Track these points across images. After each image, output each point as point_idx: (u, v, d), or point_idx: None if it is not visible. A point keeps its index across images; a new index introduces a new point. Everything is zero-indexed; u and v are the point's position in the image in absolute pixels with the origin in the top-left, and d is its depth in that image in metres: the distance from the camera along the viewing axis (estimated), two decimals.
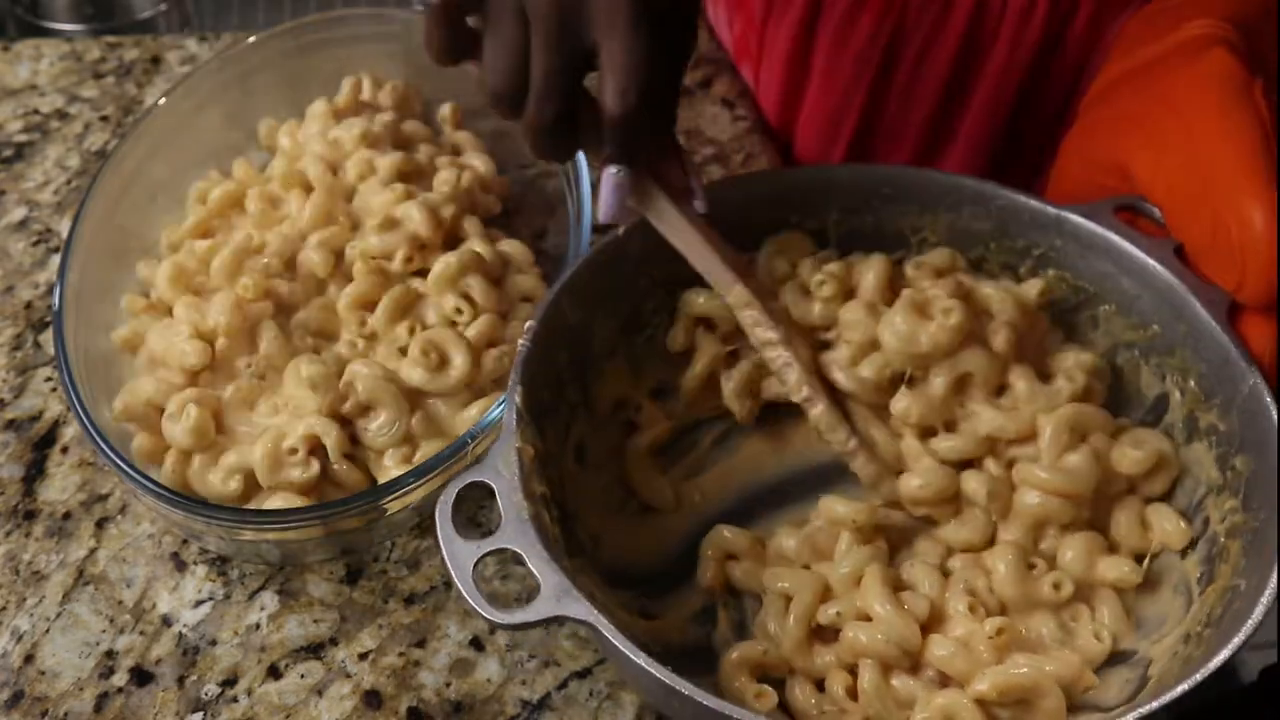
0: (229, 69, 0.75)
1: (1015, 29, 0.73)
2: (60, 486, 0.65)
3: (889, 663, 0.52)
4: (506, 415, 0.52)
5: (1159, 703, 0.45)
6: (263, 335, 0.63)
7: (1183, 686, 0.45)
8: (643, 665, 0.46)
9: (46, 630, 0.60)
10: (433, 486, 0.59)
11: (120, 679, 0.58)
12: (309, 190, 0.69)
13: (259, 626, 0.60)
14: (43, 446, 0.67)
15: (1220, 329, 0.54)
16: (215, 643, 0.59)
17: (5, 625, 0.60)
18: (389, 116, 0.73)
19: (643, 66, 0.50)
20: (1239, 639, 0.46)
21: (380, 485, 0.59)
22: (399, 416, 0.60)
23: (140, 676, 0.58)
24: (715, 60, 0.88)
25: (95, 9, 1.17)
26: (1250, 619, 0.47)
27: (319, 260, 0.66)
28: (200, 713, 0.57)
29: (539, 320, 0.56)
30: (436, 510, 0.49)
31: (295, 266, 0.67)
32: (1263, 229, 0.51)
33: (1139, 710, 0.45)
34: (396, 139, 0.73)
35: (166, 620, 0.60)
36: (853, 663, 0.53)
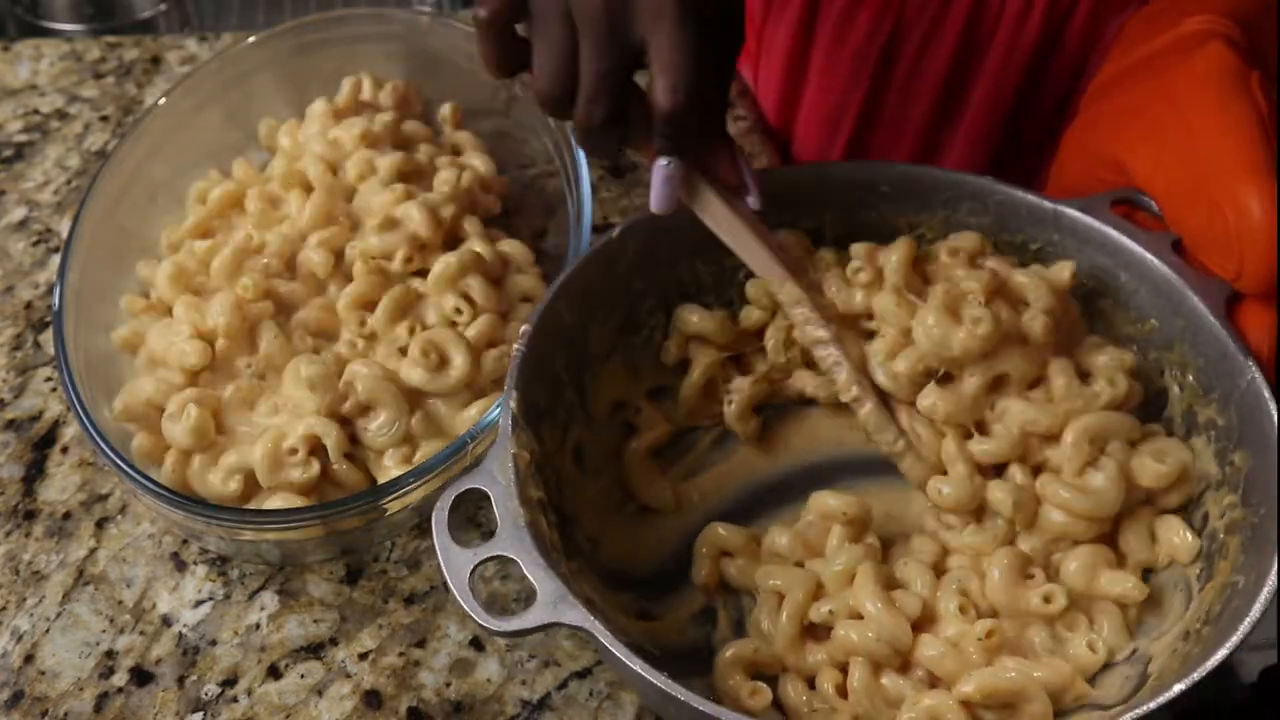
0: (229, 69, 0.75)
1: (1013, 27, 0.73)
2: (60, 486, 0.65)
3: (879, 661, 0.52)
4: (502, 420, 0.52)
5: (1156, 703, 0.45)
6: (263, 335, 0.63)
7: (1180, 686, 0.45)
8: (639, 671, 0.46)
9: (46, 630, 0.60)
10: (432, 486, 0.59)
11: (120, 679, 0.58)
12: (309, 190, 0.69)
13: (259, 626, 0.60)
14: (43, 446, 0.67)
15: (1218, 323, 0.54)
16: (215, 643, 0.59)
17: (5, 625, 0.60)
18: (389, 116, 0.73)
19: (691, 62, 0.50)
20: (1236, 638, 0.46)
21: (380, 485, 0.59)
22: (399, 416, 0.60)
23: (140, 676, 0.58)
24: None
25: (95, 9, 1.17)
26: (1248, 617, 0.47)
27: (319, 260, 0.66)
28: (200, 713, 0.57)
29: (535, 324, 0.56)
30: (433, 517, 0.49)
31: (295, 266, 0.67)
32: (1260, 216, 0.51)
33: (1137, 710, 0.45)
34: (396, 139, 0.73)
35: (166, 620, 0.60)
36: (844, 661, 0.52)
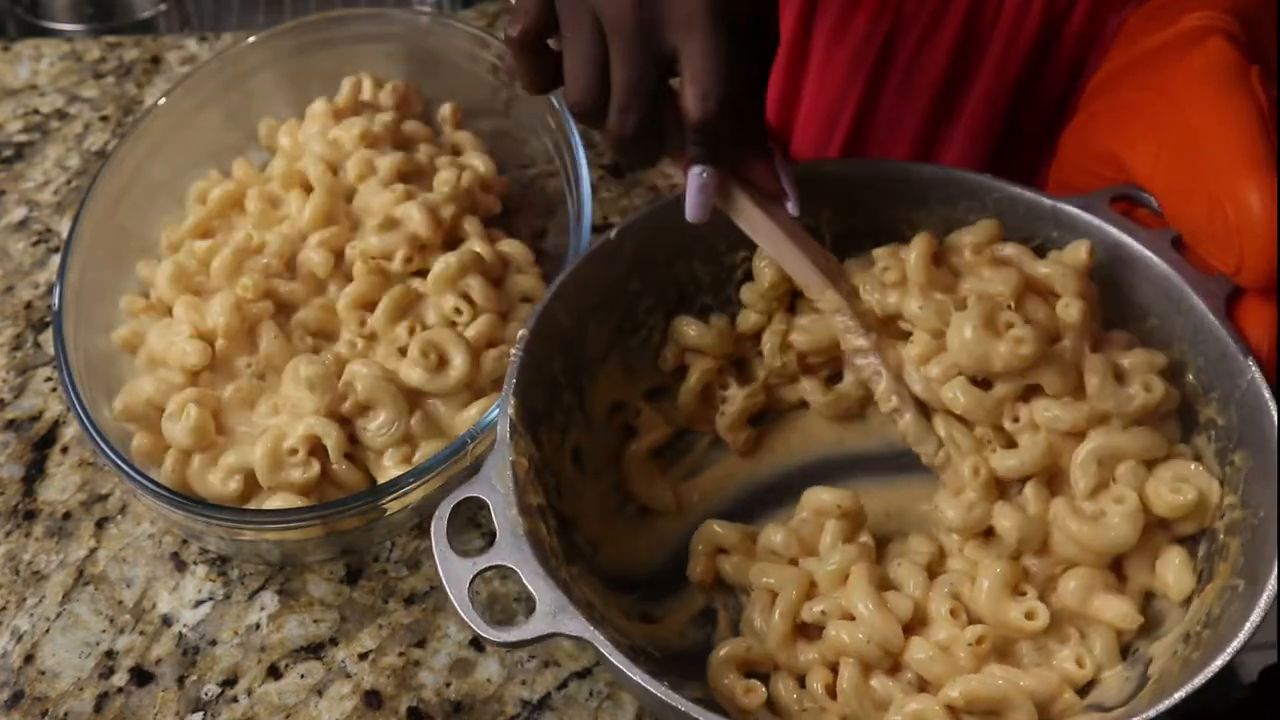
0: (229, 69, 0.75)
1: (1012, 24, 0.73)
2: (60, 486, 0.65)
3: (870, 662, 0.52)
4: (500, 427, 0.52)
5: (1157, 709, 0.45)
6: (263, 335, 0.63)
7: (1180, 693, 0.45)
8: (639, 681, 0.46)
9: (46, 630, 0.60)
10: (432, 486, 0.59)
11: (120, 679, 0.58)
12: (309, 190, 0.69)
13: (259, 626, 0.60)
14: (43, 446, 0.67)
15: (1219, 322, 0.54)
16: (215, 643, 0.59)
17: (5, 625, 0.60)
18: (389, 116, 0.73)
19: (723, 70, 0.50)
20: (1236, 643, 0.46)
21: (380, 485, 0.59)
22: (398, 416, 0.60)
23: (140, 676, 0.58)
24: None
25: (95, 9, 1.17)
26: (1248, 621, 0.46)
27: (319, 260, 0.66)
28: (200, 713, 0.57)
29: (532, 327, 0.55)
30: (432, 527, 0.49)
31: (295, 266, 0.67)
32: (1260, 210, 0.51)
33: (1138, 717, 0.45)
34: (396, 139, 0.73)
35: (166, 620, 0.60)
36: (835, 661, 0.52)
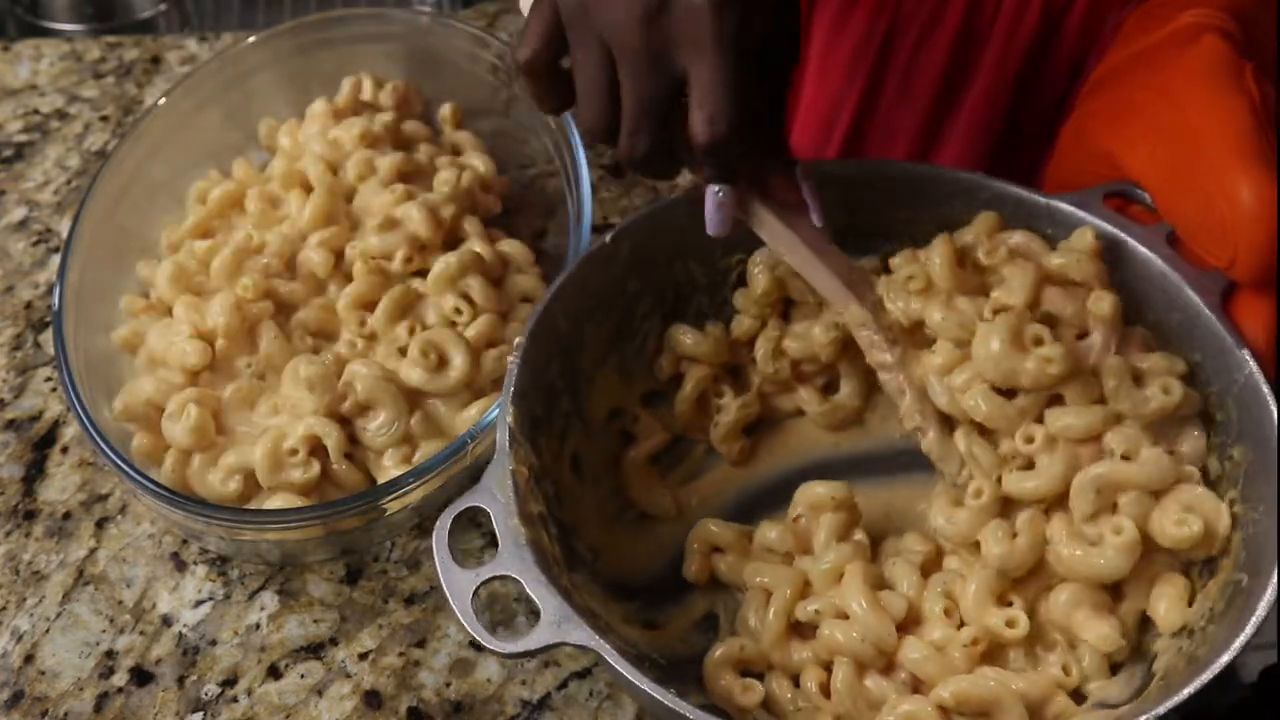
0: (229, 69, 0.75)
1: (1010, 22, 0.73)
2: (60, 486, 0.65)
3: (864, 662, 0.52)
4: (499, 436, 0.52)
5: (1165, 707, 0.45)
6: (263, 335, 0.63)
7: (1189, 689, 0.45)
8: (647, 690, 0.45)
9: (46, 630, 0.60)
10: (432, 486, 0.59)
11: (120, 679, 0.58)
12: (309, 190, 0.69)
13: (259, 626, 0.60)
14: (43, 446, 0.67)
15: (1215, 317, 0.54)
16: (215, 643, 0.59)
17: (5, 625, 0.60)
18: (389, 116, 0.73)
19: (731, 91, 0.49)
20: (1242, 638, 0.46)
21: (380, 485, 0.59)
22: (398, 416, 0.60)
23: (140, 676, 0.58)
24: None
25: (95, 9, 1.17)
26: (1254, 616, 0.46)
27: (319, 260, 0.66)
28: (200, 713, 0.57)
29: (529, 333, 0.55)
30: (433, 539, 0.49)
31: (295, 266, 0.67)
32: (1253, 204, 0.51)
33: (1145, 716, 0.45)
34: (396, 139, 0.73)
35: (166, 620, 0.60)
36: (829, 660, 0.52)
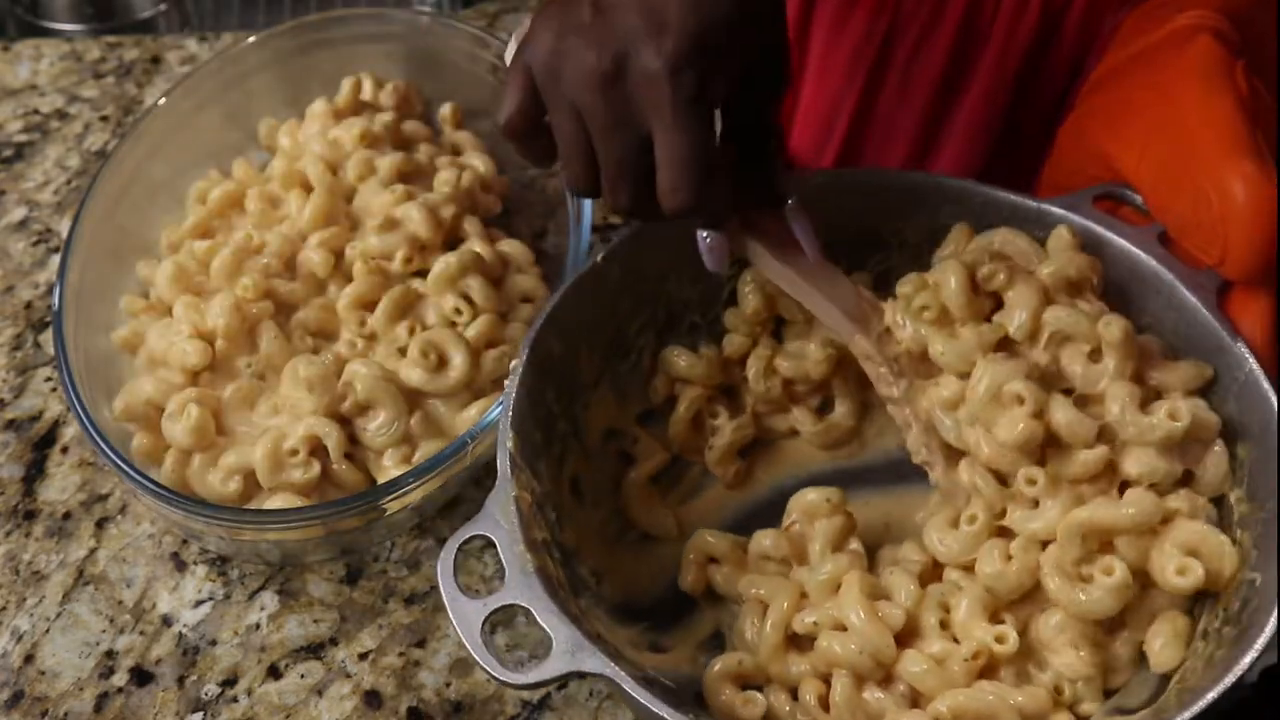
0: (229, 69, 0.75)
1: (1009, 23, 0.73)
2: (60, 486, 0.65)
3: (862, 673, 0.51)
4: (500, 462, 0.51)
5: (1191, 712, 0.45)
6: (262, 335, 0.63)
7: (1212, 694, 0.45)
8: (665, 717, 0.45)
9: (46, 630, 0.60)
10: (432, 486, 0.59)
11: (120, 679, 0.58)
12: (309, 190, 0.69)
13: (259, 626, 0.60)
14: (43, 446, 0.67)
15: (1211, 315, 0.54)
16: (215, 643, 0.59)
17: (5, 625, 0.60)
18: (389, 116, 0.73)
19: (690, 158, 0.48)
20: (1264, 638, 0.45)
21: (380, 485, 0.59)
22: (398, 416, 0.60)
23: (140, 676, 0.58)
24: None
25: (95, 9, 1.17)
26: (1271, 616, 0.46)
27: (319, 260, 0.66)
28: (200, 713, 0.57)
29: (525, 357, 0.55)
30: (438, 569, 0.48)
31: (295, 266, 0.67)
32: (1243, 200, 0.51)
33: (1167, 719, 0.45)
34: (396, 139, 0.73)
35: (166, 620, 0.60)
36: (827, 672, 0.52)
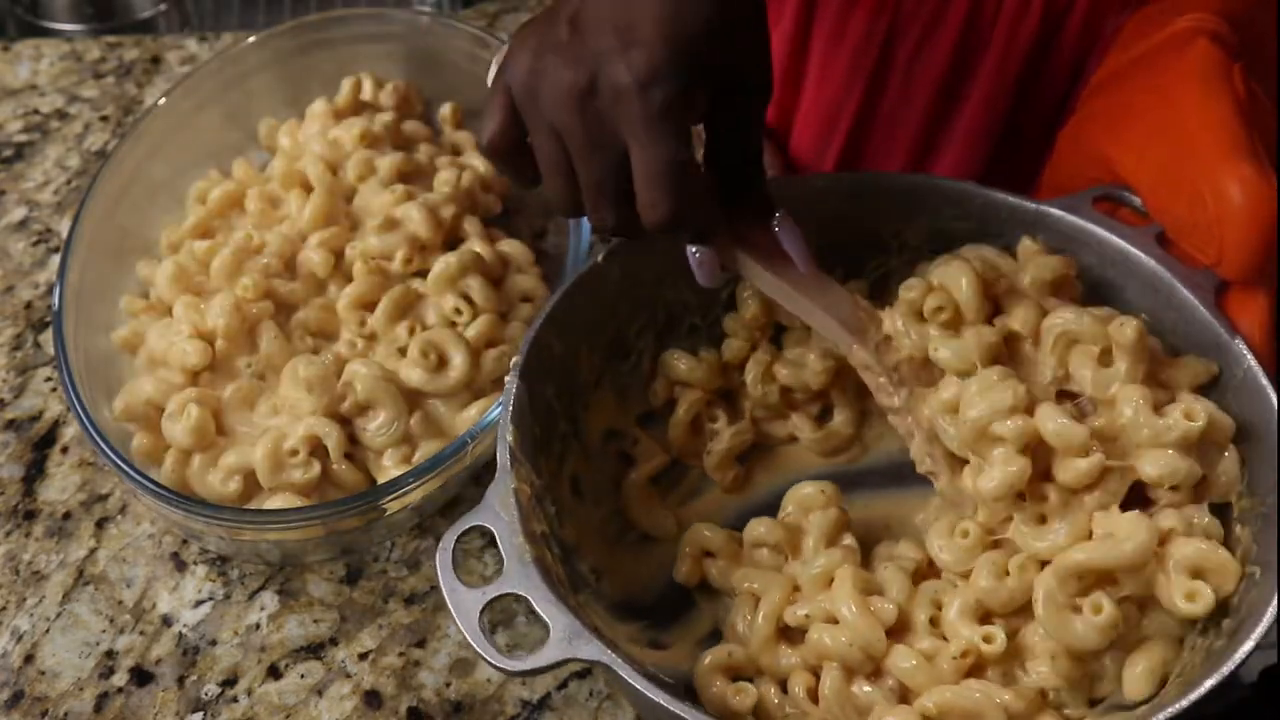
0: (229, 69, 0.75)
1: (1011, 25, 0.73)
2: (60, 486, 0.65)
3: (852, 667, 0.51)
4: (500, 455, 0.51)
5: (1188, 700, 0.45)
6: (262, 335, 0.63)
7: (1210, 681, 0.45)
8: (661, 702, 0.45)
9: (46, 630, 0.60)
10: (432, 486, 0.59)
11: (120, 679, 0.58)
12: (309, 190, 0.69)
13: (259, 626, 0.60)
14: (43, 446, 0.67)
15: (1209, 313, 0.54)
16: (215, 643, 0.59)
17: (5, 625, 0.60)
18: (389, 116, 0.73)
19: (667, 174, 0.48)
20: (1260, 628, 0.45)
21: (380, 485, 0.59)
22: (398, 416, 0.60)
23: (140, 676, 0.58)
24: None
25: (95, 9, 1.17)
26: (1270, 606, 0.46)
27: (319, 260, 0.66)
28: (200, 713, 0.57)
29: (525, 354, 0.55)
30: (437, 559, 0.49)
31: (295, 266, 0.67)
32: (1239, 201, 0.51)
33: (1169, 710, 0.45)
34: (396, 139, 0.73)
35: (166, 620, 0.60)
36: (817, 665, 0.52)
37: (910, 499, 0.59)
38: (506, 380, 0.54)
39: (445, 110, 0.77)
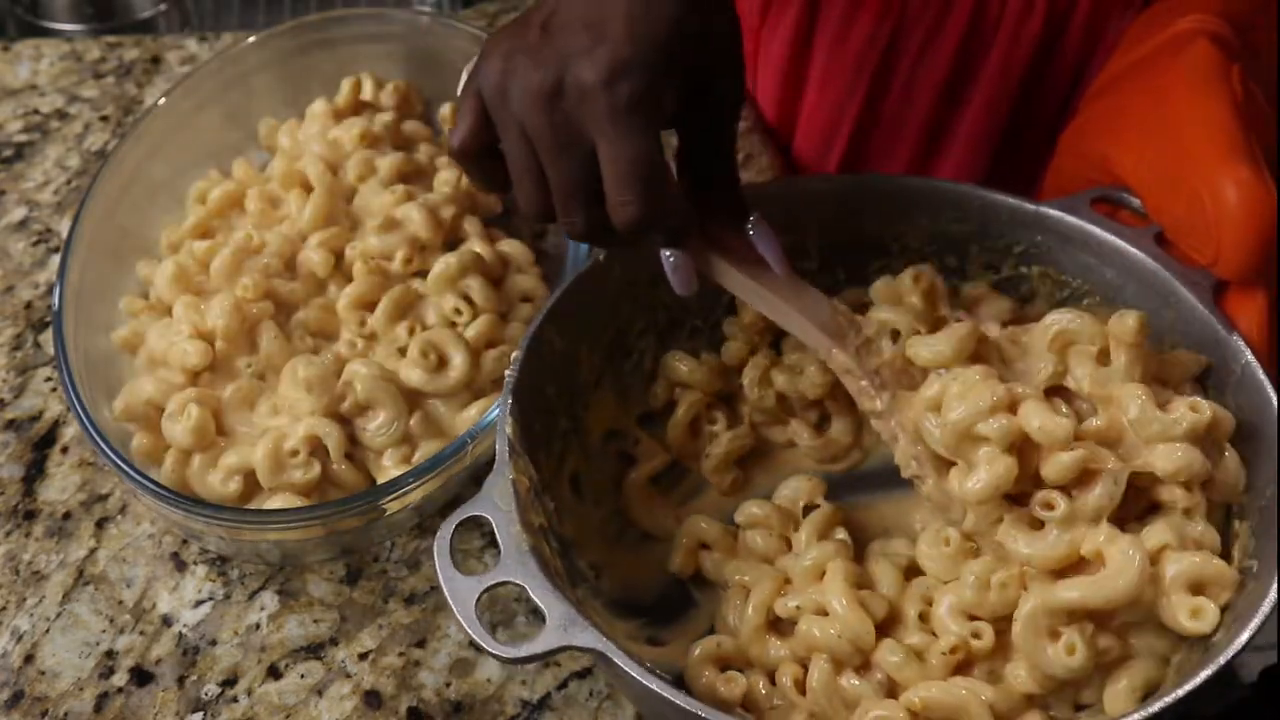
0: (229, 69, 0.75)
1: (1013, 29, 0.74)
2: (60, 486, 0.65)
3: (841, 659, 0.51)
4: (499, 447, 0.52)
5: (1185, 690, 0.45)
6: (262, 335, 0.63)
7: (1206, 671, 0.45)
8: (656, 690, 0.45)
9: (46, 630, 0.60)
10: (432, 486, 0.59)
11: (120, 679, 0.58)
12: (309, 190, 0.69)
13: (259, 626, 0.60)
14: (43, 446, 0.67)
15: (1208, 311, 0.54)
16: (215, 643, 0.59)
17: (5, 625, 0.60)
18: (389, 116, 0.73)
19: (635, 173, 0.47)
20: (1257, 619, 0.46)
21: (379, 485, 0.59)
22: (397, 416, 0.60)
23: (140, 676, 0.58)
24: None
25: (95, 9, 1.17)
26: (1266, 600, 0.46)
27: (319, 260, 0.66)
28: (200, 713, 0.57)
29: (524, 350, 0.55)
30: (435, 546, 0.49)
31: (295, 266, 0.67)
32: (1236, 201, 0.52)
33: (1163, 700, 0.45)
34: (396, 139, 0.73)
35: (166, 620, 0.60)
36: (806, 657, 0.52)
37: (909, 501, 0.59)
38: (506, 374, 0.54)
39: (445, 110, 0.77)
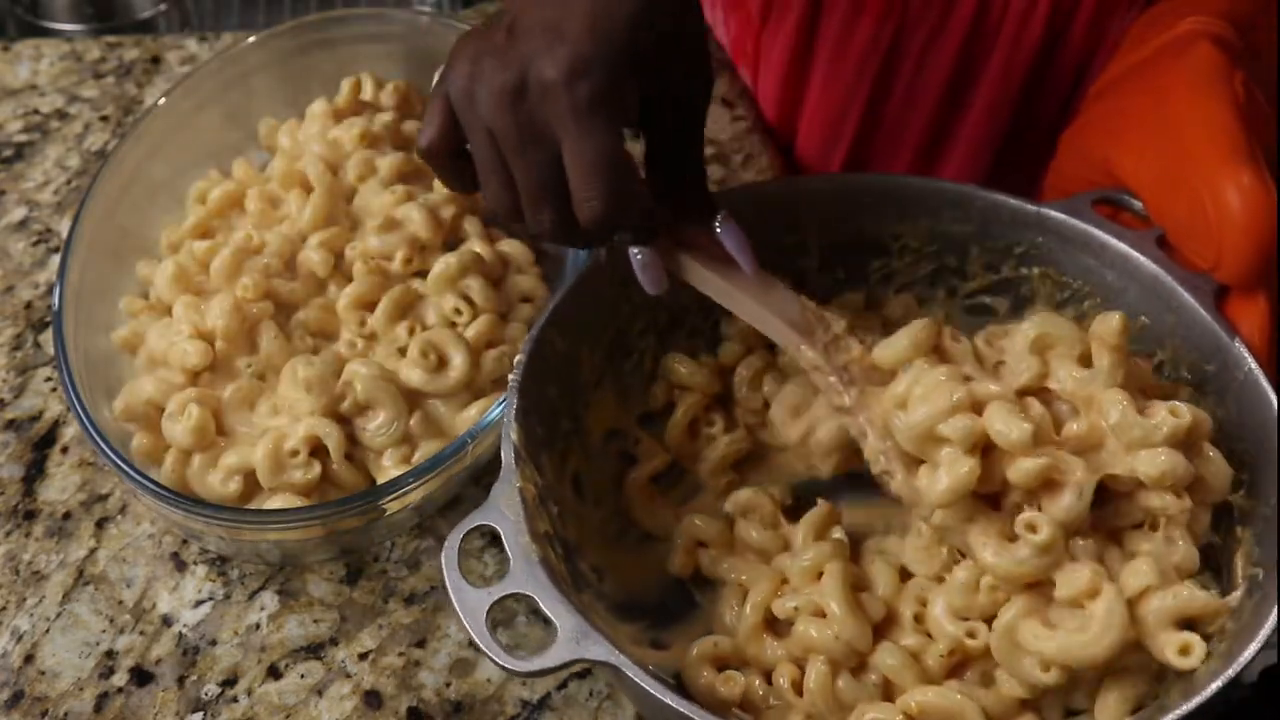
0: (229, 69, 0.75)
1: (1016, 29, 0.74)
2: (60, 486, 0.65)
3: (837, 661, 0.51)
4: (504, 454, 0.52)
5: (1193, 704, 0.45)
6: (262, 335, 0.63)
7: (1216, 684, 0.45)
8: (670, 704, 0.45)
9: (46, 630, 0.60)
10: (432, 486, 0.59)
11: (120, 679, 0.58)
12: (309, 190, 0.69)
13: (259, 626, 0.60)
14: (43, 446, 0.67)
15: (1209, 316, 0.54)
16: (215, 643, 0.59)
17: (5, 625, 0.60)
18: (389, 116, 0.73)
19: (599, 170, 0.48)
20: (1266, 629, 0.46)
21: (379, 485, 0.59)
22: (397, 416, 0.60)
23: (140, 676, 0.58)
24: (714, 59, 0.87)
25: (95, 9, 1.17)
26: (1273, 610, 0.46)
27: (319, 260, 0.66)
28: (200, 713, 0.57)
29: (528, 353, 0.55)
30: (443, 558, 0.49)
31: (295, 266, 0.67)
32: (1238, 205, 0.52)
33: (1174, 713, 0.45)
34: (396, 139, 0.73)
35: (166, 620, 0.60)
36: (802, 657, 0.52)
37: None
38: (510, 379, 0.54)
39: None
